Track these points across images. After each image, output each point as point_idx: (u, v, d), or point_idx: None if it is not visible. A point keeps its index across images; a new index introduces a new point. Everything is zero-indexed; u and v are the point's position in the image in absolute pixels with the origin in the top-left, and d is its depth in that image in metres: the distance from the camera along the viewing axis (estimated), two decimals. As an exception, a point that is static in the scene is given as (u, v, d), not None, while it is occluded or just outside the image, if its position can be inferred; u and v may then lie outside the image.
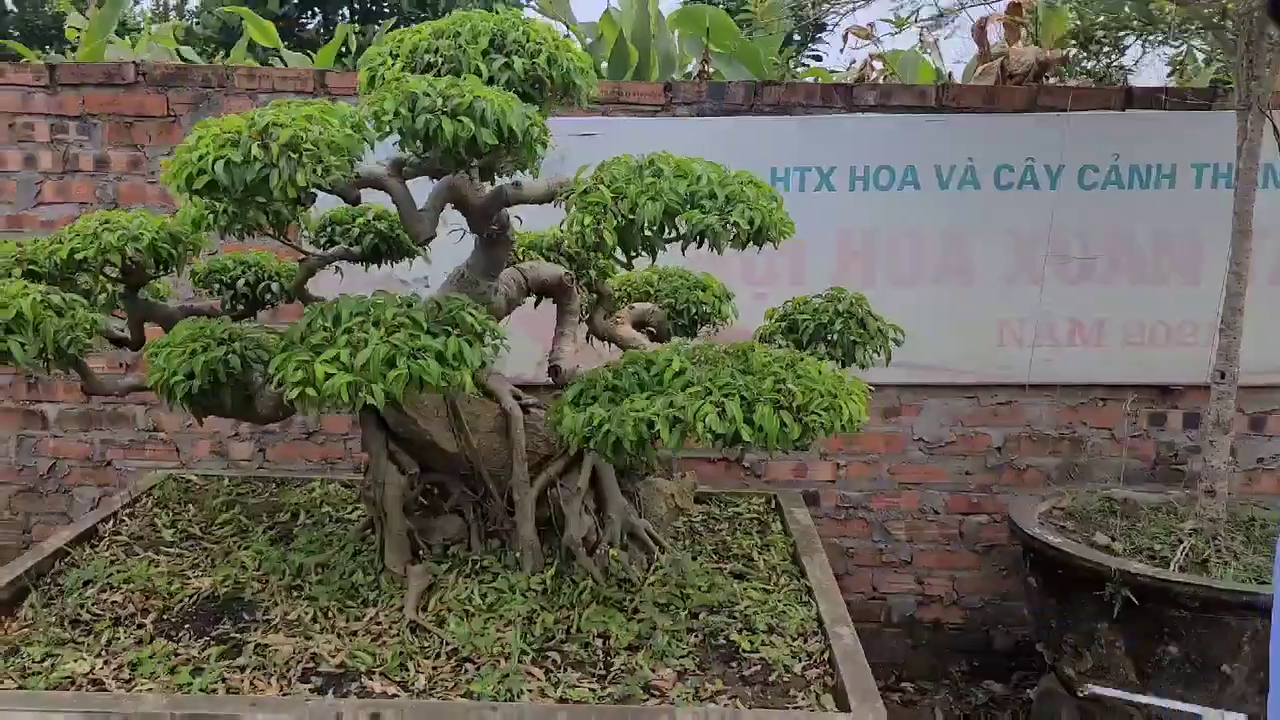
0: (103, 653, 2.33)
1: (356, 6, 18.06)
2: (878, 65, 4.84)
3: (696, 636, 2.47)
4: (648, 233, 2.12)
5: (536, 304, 2.98)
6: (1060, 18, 3.76)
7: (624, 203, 2.11)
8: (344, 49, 4.97)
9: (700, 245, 2.16)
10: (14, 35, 18.31)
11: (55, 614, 2.52)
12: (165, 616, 2.51)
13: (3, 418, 4.17)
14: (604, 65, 4.13)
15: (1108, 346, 3.89)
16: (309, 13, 17.95)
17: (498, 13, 2.37)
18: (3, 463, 4.20)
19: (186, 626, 2.46)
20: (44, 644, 2.36)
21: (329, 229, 2.91)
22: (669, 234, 2.16)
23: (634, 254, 2.19)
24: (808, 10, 3.63)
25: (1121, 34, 3.51)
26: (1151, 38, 3.33)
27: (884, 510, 4.12)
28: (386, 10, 17.57)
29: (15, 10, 18.89)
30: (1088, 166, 3.76)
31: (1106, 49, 3.70)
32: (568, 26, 4.18)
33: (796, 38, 4.33)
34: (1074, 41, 3.77)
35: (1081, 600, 3.10)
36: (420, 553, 2.72)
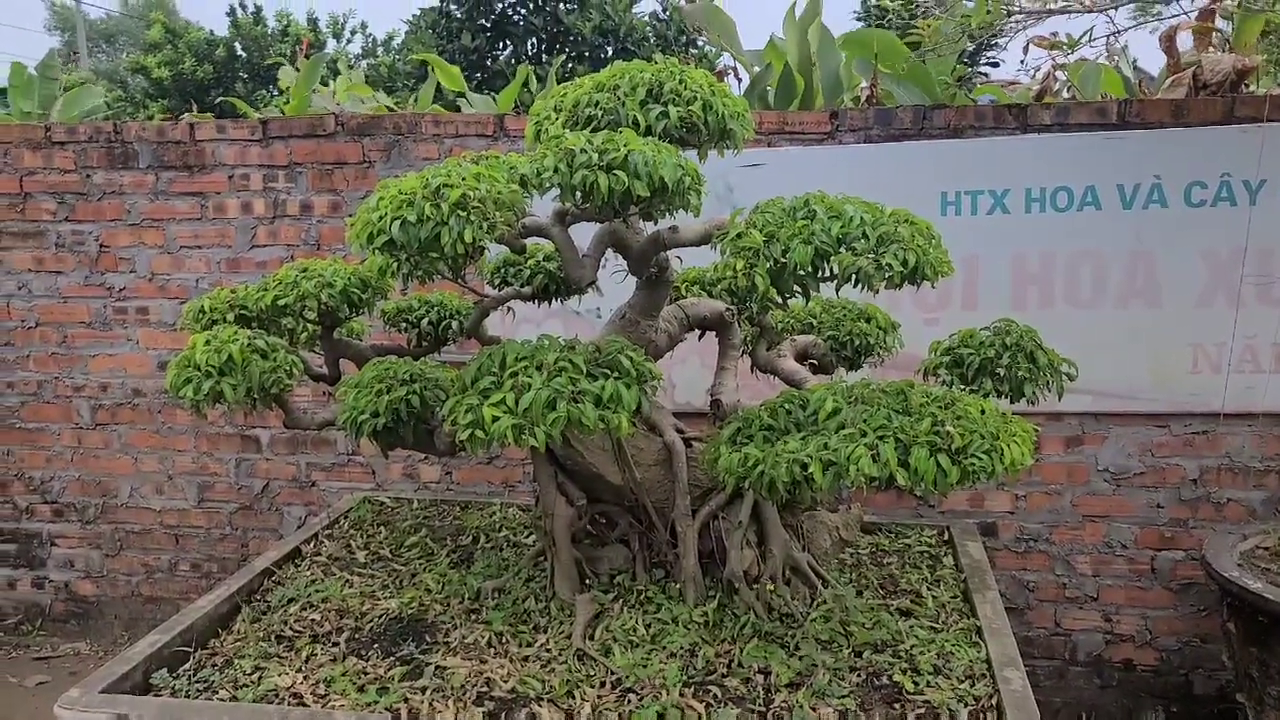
0: (303, 668, 2.54)
1: (544, 36, 18.76)
2: (1060, 76, 4.63)
3: (859, 675, 2.44)
4: (800, 273, 2.15)
5: (700, 336, 3.03)
6: (1255, 21, 3.49)
7: (775, 245, 2.14)
8: (525, 86, 5.21)
9: (856, 286, 2.17)
10: (242, 77, 20.08)
11: (263, 629, 2.77)
12: (357, 635, 2.70)
13: (224, 442, 4.59)
14: (770, 93, 4.14)
15: (1322, 372, 3.59)
16: (500, 44, 18.81)
17: (656, 63, 2.45)
18: (224, 482, 4.62)
19: (375, 646, 2.64)
20: (253, 657, 2.60)
21: (502, 270, 3.07)
22: (822, 275, 2.18)
23: (787, 295, 2.21)
24: (979, 31, 3.51)
25: None
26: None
27: (1066, 543, 3.93)
28: (572, 39, 18.16)
29: (244, 55, 20.74)
30: (1293, 179, 3.49)
31: None
32: (734, 57, 4.21)
33: (970, 46, 4.19)
34: None
35: (1286, 650, 2.88)
36: (588, 581, 2.82)
